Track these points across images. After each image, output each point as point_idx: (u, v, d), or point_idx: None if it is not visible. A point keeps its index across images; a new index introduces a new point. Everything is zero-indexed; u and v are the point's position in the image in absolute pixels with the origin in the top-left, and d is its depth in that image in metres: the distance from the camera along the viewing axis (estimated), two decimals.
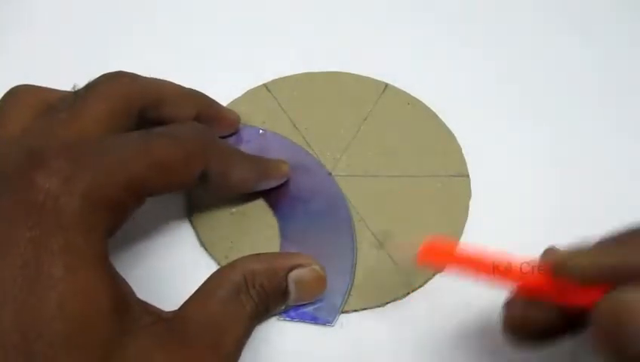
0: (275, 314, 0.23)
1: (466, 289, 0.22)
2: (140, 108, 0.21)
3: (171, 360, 0.17)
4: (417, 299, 0.24)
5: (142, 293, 0.19)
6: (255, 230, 0.25)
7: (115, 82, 0.21)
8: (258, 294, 0.20)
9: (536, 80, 0.31)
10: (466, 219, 0.26)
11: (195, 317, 0.19)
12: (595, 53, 0.32)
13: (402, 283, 0.24)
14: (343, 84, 0.30)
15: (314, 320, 0.23)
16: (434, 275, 0.24)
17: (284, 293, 0.21)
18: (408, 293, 0.24)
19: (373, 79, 0.30)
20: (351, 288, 0.24)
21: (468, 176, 0.27)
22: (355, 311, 0.23)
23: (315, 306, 0.23)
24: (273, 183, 0.25)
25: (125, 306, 0.17)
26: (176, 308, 0.20)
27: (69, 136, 0.19)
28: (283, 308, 0.22)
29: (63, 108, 0.19)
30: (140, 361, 0.17)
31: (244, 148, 0.26)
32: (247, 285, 0.20)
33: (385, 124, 0.29)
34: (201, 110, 0.24)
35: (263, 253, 0.22)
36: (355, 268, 0.24)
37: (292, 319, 0.23)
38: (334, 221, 0.25)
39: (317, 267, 0.22)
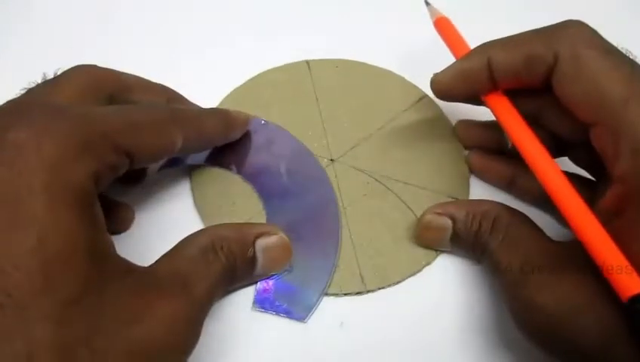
0: (244, 285, 0.24)
1: (464, 287, 0.24)
2: (110, 94, 0.23)
3: (144, 304, 0.18)
4: (415, 294, 0.25)
5: None
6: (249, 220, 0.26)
7: (84, 69, 0.22)
8: (226, 256, 0.21)
9: None
10: None
11: (166, 270, 0.20)
12: None
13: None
14: (383, 81, 0.30)
15: (287, 314, 0.23)
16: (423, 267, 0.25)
17: (251, 260, 0.22)
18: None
19: (415, 86, 0.30)
20: (327, 288, 0.24)
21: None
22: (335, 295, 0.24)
23: (291, 300, 0.23)
24: (238, 133, 0.26)
25: (103, 253, 0.18)
26: None
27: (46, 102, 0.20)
28: (251, 277, 0.23)
29: (36, 90, 0.21)
30: (114, 304, 0.17)
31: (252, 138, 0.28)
32: (214, 247, 0.21)
33: (408, 131, 0.29)
34: (169, 100, 0.26)
35: (233, 223, 0.23)
36: (334, 271, 0.25)
37: (266, 310, 0.23)
38: (322, 221, 0.26)
39: (283, 235, 0.23)
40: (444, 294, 0.25)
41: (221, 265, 0.21)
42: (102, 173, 0.19)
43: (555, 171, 0.21)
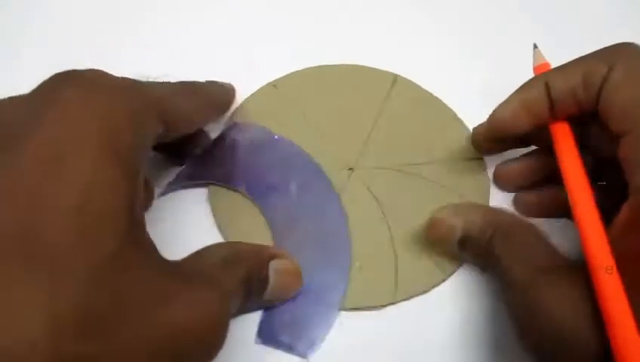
0: (254, 308, 0.23)
1: (470, 295, 0.24)
2: None
3: (174, 288, 0.17)
4: (421, 302, 0.24)
5: None
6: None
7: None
8: (246, 269, 0.21)
9: None
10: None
11: (190, 267, 0.19)
12: None
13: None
14: (352, 77, 0.30)
15: (290, 349, 0.22)
16: (443, 280, 0.25)
17: (265, 280, 0.22)
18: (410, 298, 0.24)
19: (382, 70, 0.30)
20: (331, 326, 0.23)
21: (482, 158, 0.28)
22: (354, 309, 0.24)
23: (294, 337, 0.22)
24: (231, 103, 0.28)
25: (139, 223, 0.17)
26: None
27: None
28: (261, 300, 0.22)
29: None
30: (144, 280, 0.16)
31: (261, 156, 0.26)
32: (234, 259, 0.21)
33: (400, 116, 0.29)
34: None
35: (249, 242, 0.23)
36: (340, 307, 0.23)
37: (268, 344, 0.22)
38: (331, 248, 0.25)
39: (295, 261, 0.23)
40: (445, 300, 0.24)
41: (241, 276, 0.20)
42: (146, 140, 0.19)
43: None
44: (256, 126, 0.27)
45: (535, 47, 0.26)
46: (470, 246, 0.23)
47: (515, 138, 0.25)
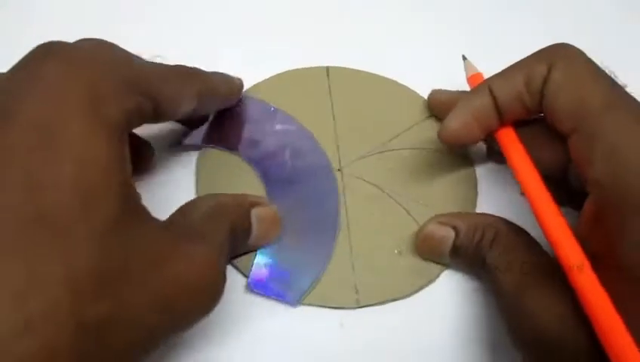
0: (240, 254, 0.24)
1: (469, 290, 0.24)
2: None
3: (172, 246, 0.18)
4: (421, 299, 0.25)
5: None
6: None
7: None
8: (229, 221, 0.21)
9: None
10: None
11: (181, 224, 0.20)
12: None
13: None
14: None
15: (279, 296, 0.24)
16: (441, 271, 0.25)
17: (248, 228, 0.23)
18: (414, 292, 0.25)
19: (313, 67, 0.30)
20: (321, 277, 0.24)
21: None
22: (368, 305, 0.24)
23: (284, 284, 0.24)
24: (237, 96, 0.27)
25: (131, 191, 0.18)
26: None
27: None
28: (246, 247, 0.24)
29: None
30: (143, 242, 0.17)
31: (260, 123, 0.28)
32: (218, 211, 0.21)
33: (350, 102, 0.29)
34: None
35: (229, 193, 0.23)
36: (329, 260, 0.25)
37: (259, 291, 0.24)
38: (321, 210, 0.26)
39: (274, 207, 0.24)
40: (446, 301, 0.24)
41: (227, 228, 0.21)
42: (132, 114, 0.19)
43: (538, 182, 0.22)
44: (255, 98, 0.29)
45: (464, 58, 0.27)
46: (460, 254, 0.24)
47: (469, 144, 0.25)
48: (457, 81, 0.29)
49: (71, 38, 0.22)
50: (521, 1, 0.35)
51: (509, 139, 0.23)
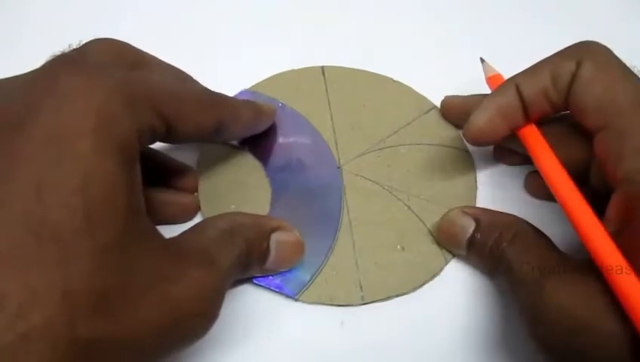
0: (251, 276, 0.24)
1: (472, 287, 0.25)
2: (129, 66, 0.22)
3: (175, 268, 0.18)
4: (423, 296, 0.25)
5: None
6: (253, 199, 0.26)
7: (106, 40, 0.22)
8: (245, 242, 0.21)
9: None
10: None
11: (190, 244, 0.20)
12: None
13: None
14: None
15: (279, 289, 0.24)
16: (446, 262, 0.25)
17: (265, 253, 0.23)
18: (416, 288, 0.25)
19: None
20: (322, 270, 0.25)
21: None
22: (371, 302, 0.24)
23: (284, 277, 0.24)
24: (266, 125, 0.27)
25: (138, 209, 0.18)
26: None
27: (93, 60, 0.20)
28: (261, 270, 0.23)
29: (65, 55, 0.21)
30: (147, 262, 0.17)
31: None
32: (234, 232, 0.21)
33: (347, 100, 0.29)
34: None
35: (250, 213, 0.23)
36: (331, 253, 0.25)
37: (260, 284, 0.24)
38: (323, 203, 0.26)
39: (297, 233, 0.24)
40: (448, 298, 0.25)
41: (239, 250, 0.21)
42: (143, 133, 0.19)
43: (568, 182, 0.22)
44: (263, 95, 0.29)
45: (482, 60, 0.27)
46: (477, 246, 0.24)
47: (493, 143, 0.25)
48: (451, 76, 0.29)
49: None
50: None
51: (534, 138, 0.23)
